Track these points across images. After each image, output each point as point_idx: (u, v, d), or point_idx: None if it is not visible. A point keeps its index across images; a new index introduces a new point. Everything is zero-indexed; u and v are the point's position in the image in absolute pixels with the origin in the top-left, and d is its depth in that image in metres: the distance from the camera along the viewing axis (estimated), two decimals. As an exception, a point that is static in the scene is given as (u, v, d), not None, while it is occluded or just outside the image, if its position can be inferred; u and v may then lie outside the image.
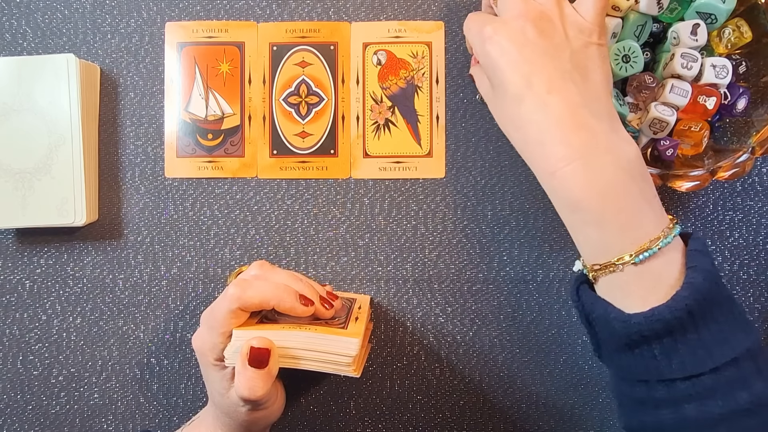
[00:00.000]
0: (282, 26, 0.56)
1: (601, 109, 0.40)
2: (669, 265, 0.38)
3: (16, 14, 0.56)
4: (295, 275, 0.48)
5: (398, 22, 0.55)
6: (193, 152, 0.55)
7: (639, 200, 0.39)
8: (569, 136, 0.39)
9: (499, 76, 0.41)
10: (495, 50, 0.40)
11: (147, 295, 0.56)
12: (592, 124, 0.39)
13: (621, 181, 0.39)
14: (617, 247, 0.39)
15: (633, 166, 0.39)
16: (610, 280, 0.40)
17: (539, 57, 0.40)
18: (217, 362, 0.45)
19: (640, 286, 0.38)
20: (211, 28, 0.55)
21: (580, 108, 0.39)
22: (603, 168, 0.39)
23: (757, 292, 0.55)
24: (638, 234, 0.38)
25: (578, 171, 0.39)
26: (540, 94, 0.39)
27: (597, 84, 0.41)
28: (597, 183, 0.38)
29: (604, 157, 0.39)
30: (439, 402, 0.55)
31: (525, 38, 0.40)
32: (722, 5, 0.46)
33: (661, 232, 0.39)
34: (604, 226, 0.39)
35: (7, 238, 0.56)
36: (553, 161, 0.39)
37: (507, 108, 0.41)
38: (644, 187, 0.40)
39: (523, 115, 0.40)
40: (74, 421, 0.56)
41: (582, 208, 0.39)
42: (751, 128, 0.49)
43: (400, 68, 0.56)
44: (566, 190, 0.39)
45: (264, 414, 0.46)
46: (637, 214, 0.39)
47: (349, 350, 0.43)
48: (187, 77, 0.55)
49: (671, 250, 0.39)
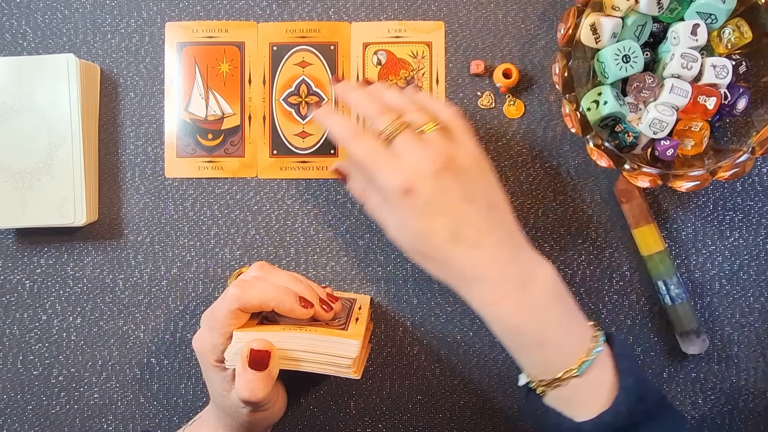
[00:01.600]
0: (282, 26, 0.56)
1: (519, 239, 0.44)
2: (605, 371, 0.41)
3: (16, 14, 0.56)
4: (295, 276, 0.48)
5: (398, 22, 0.55)
6: (193, 152, 0.55)
7: (568, 315, 0.43)
8: (504, 270, 0.42)
9: (426, 225, 0.42)
10: (418, 201, 0.42)
11: (147, 295, 0.56)
12: (517, 256, 0.43)
13: (551, 302, 0.42)
14: (558, 363, 0.41)
15: (556, 285, 0.43)
16: (558, 394, 0.42)
17: (460, 202, 0.42)
18: (218, 363, 0.45)
19: (583, 395, 0.41)
20: (211, 28, 0.55)
21: (506, 243, 0.43)
22: (534, 295, 0.42)
23: (757, 292, 0.55)
24: (573, 347, 0.41)
25: (514, 301, 0.42)
26: (471, 237, 0.42)
27: (509, 216, 0.44)
28: (532, 308, 0.42)
29: (533, 285, 0.42)
30: (439, 402, 0.55)
31: (443, 187, 0.42)
32: (722, 5, 0.46)
33: (590, 341, 0.42)
34: (544, 346, 0.42)
35: (7, 238, 0.56)
36: (492, 295, 0.42)
37: (436, 250, 0.43)
38: (568, 302, 0.43)
39: (458, 256, 0.42)
40: (74, 421, 0.56)
41: (522, 333, 0.42)
42: (751, 128, 0.49)
43: (400, 68, 0.56)
44: (506, 318, 0.42)
45: (265, 415, 0.46)
46: (570, 329, 0.42)
47: (349, 352, 0.43)
48: (187, 77, 0.55)
49: (603, 357, 0.41)
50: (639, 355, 0.55)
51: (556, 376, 0.41)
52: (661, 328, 0.55)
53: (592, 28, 0.47)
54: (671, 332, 0.55)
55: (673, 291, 0.53)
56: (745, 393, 0.55)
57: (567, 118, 0.49)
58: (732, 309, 0.55)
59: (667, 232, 0.55)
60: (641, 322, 0.55)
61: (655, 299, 0.55)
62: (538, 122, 0.55)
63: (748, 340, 0.55)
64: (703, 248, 0.55)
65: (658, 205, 0.55)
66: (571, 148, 0.55)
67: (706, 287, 0.55)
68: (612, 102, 0.47)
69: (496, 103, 0.55)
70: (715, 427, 0.55)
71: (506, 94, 0.55)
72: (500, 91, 0.55)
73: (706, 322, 0.55)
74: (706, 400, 0.55)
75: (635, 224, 0.53)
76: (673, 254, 0.55)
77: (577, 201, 0.55)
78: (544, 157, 0.55)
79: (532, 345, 0.42)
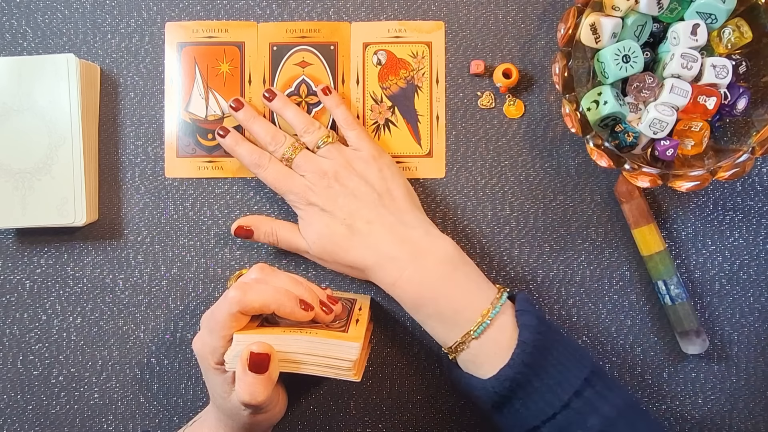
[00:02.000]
0: (282, 26, 0.56)
1: (412, 219, 0.50)
2: (503, 330, 0.45)
3: (16, 14, 0.56)
4: (295, 279, 0.48)
5: (398, 22, 0.55)
6: (193, 152, 0.55)
7: (465, 284, 0.47)
8: (396, 251, 0.48)
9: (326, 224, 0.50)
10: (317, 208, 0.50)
11: (147, 295, 0.56)
12: (410, 235, 0.48)
13: (445, 273, 0.47)
14: (458, 328, 0.46)
15: (453, 257, 0.48)
16: (463, 357, 0.47)
17: (350, 200, 0.50)
18: (218, 366, 0.45)
19: (486, 354, 0.45)
20: (211, 28, 0.55)
21: (397, 226, 0.49)
22: (428, 267, 0.47)
23: (757, 292, 0.55)
24: (471, 313, 0.46)
25: (411, 276, 0.47)
26: (362, 228, 0.49)
27: (402, 200, 0.50)
28: (427, 281, 0.47)
29: (426, 259, 0.47)
30: (439, 402, 0.55)
31: (334, 192, 0.50)
32: (722, 5, 0.46)
33: (489, 304, 0.46)
34: (442, 314, 0.46)
35: (7, 238, 0.56)
36: (391, 274, 0.48)
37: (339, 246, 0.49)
38: (467, 271, 0.48)
39: (357, 247, 0.49)
40: (74, 421, 0.56)
41: (421, 305, 0.47)
42: (751, 128, 0.49)
43: (400, 68, 0.55)
44: (406, 292, 0.47)
45: (266, 417, 0.46)
46: (467, 296, 0.47)
47: (349, 355, 0.43)
48: (187, 77, 0.55)
49: (501, 316, 0.46)
50: (639, 356, 0.55)
51: (458, 340, 0.46)
52: (661, 328, 0.55)
53: (592, 28, 0.47)
54: (671, 332, 0.55)
55: (673, 291, 0.53)
56: (745, 393, 0.55)
57: (567, 118, 0.49)
58: (732, 309, 0.55)
59: (667, 232, 0.55)
60: (641, 322, 0.55)
61: (655, 299, 0.55)
62: (538, 122, 0.55)
63: (748, 340, 0.55)
64: (703, 248, 0.55)
65: (658, 205, 0.55)
66: (571, 148, 0.55)
67: (706, 287, 0.55)
68: (612, 102, 0.47)
69: (496, 103, 0.55)
70: (715, 427, 0.55)
71: (506, 94, 0.55)
72: (500, 91, 0.55)
73: (706, 322, 0.55)
74: (706, 400, 0.55)
75: (635, 224, 0.53)
76: (673, 254, 0.55)
77: (577, 201, 0.55)
78: (544, 157, 0.55)
79: (432, 315, 0.47)
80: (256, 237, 0.53)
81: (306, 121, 0.53)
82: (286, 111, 0.53)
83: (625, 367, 0.55)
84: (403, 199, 0.50)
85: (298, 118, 0.53)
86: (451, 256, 0.48)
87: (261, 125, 0.53)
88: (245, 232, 0.53)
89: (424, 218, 0.51)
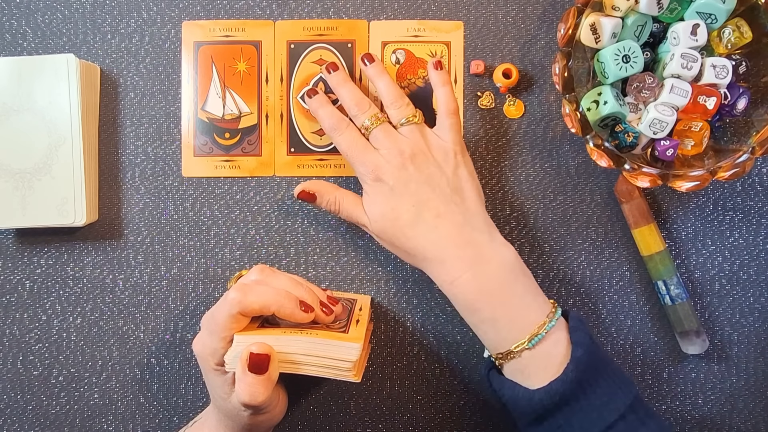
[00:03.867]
0: (299, 24, 0.56)
1: (480, 222, 0.48)
2: (557, 345, 0.45)
3: (16, 14, 0.56)
4: (295, 280, 0.48)
5: (417, 21, 0.55)
6: (210, 151, 0.55)
7: (523, 295, 0.47)
8: (460, 251, 0.47)
9: (392, 207, 0.48)
10: (385, 186, 0.48)
11: (147, 295, 0.56)
12: (476, 238, 0.47)
13: (506, 281, 0.47)
14: (511, 337, 0.45)
15: (514, 267, 0.47)
16: (512, 365, 0.46)
17: (422, 188, 0.48)
18: (218, 367, 0.45)
19: (536, 366, 0.45)
20: (228, 27, 0.55)
21: (464, 226, 0.48)
22: (489, 273, 0.46)
23: (757, 292, 0.55)
24: (526, 323, 0.45)
25: (471, 279, 0.46)
26: (430, 219, 0.48)
27: (472, 201, 0.49)
28: (486, 287, 0.46)
29: (489, 265, 0.47)
30: (439, 402, 0.55)
31: (407, 175, 0.48)
32: (722, 5, 0.46)
33: (546, 317, 0.46)
34: (498, 321, 0.46)
35: (7, 238, 0.56)
36: (450, 273, 0.47)
37: (401, 231, 0.48)
38: (526, 282, 0.47)
39: (419, 236, 0.48)
40: (74, 421, 0.56)
41: (477, 309, 0.46)
42: (751, 128, 0.49)
43: (418, 67, 0.55)
44: (463, 294, 0.47)
45: (266, 417, 0.46)
46: (524, 307, 0.46)
47: (350, 355, 0.43)
48: (204, 76, 0.55)
49: (556, 331, 0.45)
50: (639, 356, 0.55)
51: (510, 349, 0.45)
52: (661, 328, 0.55)
53: (592, 28, 0.47)
54: (671, 332, 0.55)
55: (673, 291, 0.53)
56: (745, 393, 0.55)
57: (567, 118, 0.49)
58: (732, 309, 0.55)
59: (667, 232, 0.55)
60: (641, 322, 0.55)
61: (655, 299, 0.55)
62: (538, 122, 0.55)
63: (748, 340, 0.55)
64: (703, 248, 0.55)
65: (658, 205, 0.55)
66: (571, 148, 0.55)
67: (706, 287, 0.55)
68: (612, 102, 0.47)
69: (496, 103, 0.55)
70: (715, 427, 0.55)
71: (506, 94, 0.55)
72: (500, 91, 0.55)
73: (706, 322, 0.55)
74: (706, 400, 0.55)
75: (635, 224, 0.53)
76: (673, 254, 0.55)
77: (577, 201, 0.55)
78: (544, 157, 0.55)
79: (487, 320, 0.46)
80: (319, 203, 0.52)
81: (396, 93, 0.51)
82: (380, 79, 0.51)
83: (625, 367, 0.55)
84: (474, 201, 0.49)
85: (389, 89, 0.51)
86: (512, 264, 0.47)
87: (349, 89, 0.51)
88: (309, 196, 0.52)
89: (490, 223, 0.49)
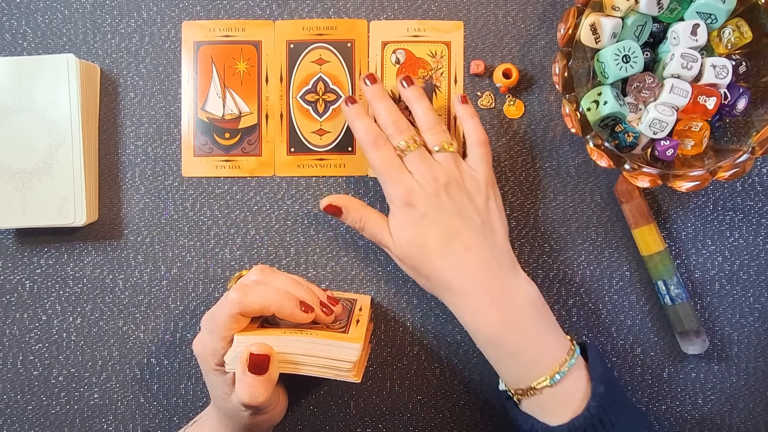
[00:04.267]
0: (299, 24, 0.56)
1: (506, 258, 0.49)
2: (577, 381, 0.45)
3: (16, 14, 0.56)
4: (295, 280, 0.48)
5: (417, 21, 0.55)
6: (210, 151, 0.55)
7: (545, 331, 0.47)
8: (486, 285, 0.47)
9: (421, 234, 0.48)
10: (416, 212, 0.48)
11: (147, 295, 0.56)
12: (502, 273, 0.47)
13: (529, 317, 0.46)
14: (534, 373, 0.45)
15: (536, 303, 0.47)
16: (531, 401, 0.46)
17: (454, 218, 0.48)
18: (218, 367, 0.45)
19: (557, 403, 0.45)
20: (228, 27, 0.55)
21: (492, 261, 0.48)
22: (514, 309, 0.46)
23: (757, 292, 0.55)
24: (548, 359, 0.45)
25: (495, 314, 0.46)
26: (459, 251, 0.47)
27: (500, 236, 0.49)
28: (511, 322, 0.46)
29: (514, 300, 0.47)
30: (439, 402, 0.55)
31: (440, 203, 0.48)
32: (722, 5, 0.46)
33: (566, 354, 0.46)
34: (520, 357, 0.46)
35: (7, 238, 0.56)
36: (475, 306, 0.47)
37: (427, 260, 0.48)
38: (547, 318, 0.47)
39: (446, 267, 0.47)
40: (74, 421, 0.56)
41: (501, 344, 0.46)
42: (751, 128, 0.49)
43: (418, 67, 0.55)
44: (487, 328, 0.46)
45: (266, 417, 0.46)
46: (546, 343, 0.46)
47: (350, 356, 0.43)
48: (204, 76, 0.55)
49: (576, 368, 0.45)
50: (639, 356, 0.55)
51: (531, 385, 0.45)
52: (661, 328, 0.55)
53: (592, 28, 0.47)
54: (671, 332, 0.55)
55: (673, 291, 0.53)
56: (745, 393, 0.55)
57: (567, 118, 0.49)
58: (732, 309, 0.55)
59: (667, 232, 0.55)
60: (641, 322, 0.55)
61: (655, 299, 0.55)
62: (538, 122, 0.55)
63: (747, 340, 0.55)
64: (703, 248, 0.55)
65: (658, 205, 0.55)
66: (571, 148, 0.55)
67: (706, 287, 0.55)
68: (612, 102, 0.47)
69: (496, 103, 0.55)
70: (715, 427, 0.55)
71: (506, 94, 0.55)
72: (500, 91, 0.55)
73: (706, 322, 0.55)
74: (706, 400, 0.55)
75: (635, 224, 0.53)
76: (673, 254, 0.55)
77: (577, 201, 0.55)
78: (544, 157, 0.55)
79: (509, 356, 0.46)
80: (344, 218, 0.51)
81: (435, 119, 0.50)
82: (418, 103, 0.51)
83: (625, 367, 0.55)
84: (501, 236, 0.49)
85: (427, 114, 0.50)
86: (535, 300, 0.47)
87: (387, 106, 0.50)
88: (335, 210, 0.51)
89: (514, 258, 0.49)
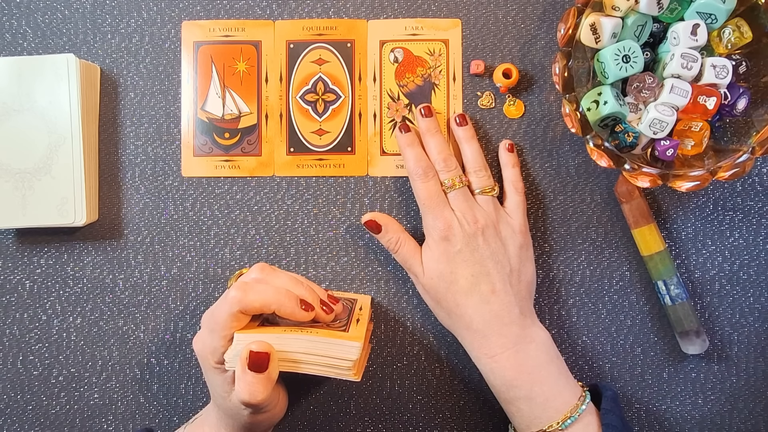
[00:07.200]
0: (299, 24, 0.56)
1: (527, 307, 0.51)
2: (587, 428, 0.46)
3: (16, 14, 0.56)
4: (296, 278, 0.48)
5: (415, 19, 0.55)
6: (209, 151, 0.55)
7: (557, 376, 0.48)
8: (505, 329, 0.49)
9: (452, 270, 0.49)
10: (452, 248, 0.49)
11: (147, 295, 0.56)
12: (521, 320, 0.49)
13: (543, 362, 0.48)
14: (546, 416, 0.47)
15: (549, 349, 0.49)
16: None
17: (486, 261, 0.49)
18: (218, 365, 0.45)
19: None
20: (227, 27, 0.55)
21: (513, 307, 0.49)
22: (530, 353, 0.48)
23: (757, 292, 0.55)
24: (560, 404, 0.47)
25: (512, 357, 0.48)
26: (485, 293, 0.49)
27: (525, 285, 0.51)
28: (526, 365, 0.48)
29: (530, 345, 0.49)
30: (439, 402, 0.55)
31: (476, 244, 0.49)
32: (722, 5, 0.46)
33: (578, 399, 0.47)
34: (533, 399, 0.47)
35: (7, 238, 0.56)
36: (492, 349, 0.48)
37: (453, 296, 0.49)
38: (559, 364, 0.49)
39: (470, 306, 0.49)
40: (74, 421, 0.56)
41: (515, 386, 0.48)
42: (751, 128, 0.49)
43: (417, 66, 0.55)
44: (503, 370, 0.48)
45: (266, 416, 0.46)
46: (559, 388, 0.48)
47: (349, 354, 0.43)
48: (204, 76, 0.55)
49: (587, 414, 0.47)
50: (639, 356, 0.55)
51: (542, 429, 0.46)
52: (661, 328, 0.55)
53: (592, 28, 0.47)
54: (671, 332, 0.55)
55: (673, 291, 0.53)
56: (745, 393, 0.55)
57: (567, 118, 0.49)
58: (732, 309, 0.55)
59: (667, 232, 0.55)
60: (641, 322, 0.55)
61: (655, 299, 0.55)
62: (538, 122, 0.55)
63: (748, 340, 0.55)
64: (703, 248, 0.55)
65: (658, 205, 0.55)
66: (571, 148, 0.55)
67: (706, 287, 0.55)
68: (612, 102, 0.47)
69: (496, 103, 0.55)
70: (715, 427, 0.55)
71: (506, 94, 0.55)
72: (500, 91, 0.55)
73: (706, 322, 0.55)
74: (706, 400, 0.55)
75: (635, 224, 0.53)
76: (673, 254, 0.55)
77: (577, 201, 0.55)
78: (544, 157, 0.55)
79: (522, 398, 0.47)
80: (381, 236, 0.53)
81: (482, 163, 0.52)
82: (469, 145, 0.53)
83: (625, 367, 0.55)
84: (526, 286, 0.51)
85: (475, 156, 0.52)
86: (548, 346, 0.49)
87: (438, 142, 0.52)
88: (375, 226, 0.52)
89: (532, 309, 0.51)
